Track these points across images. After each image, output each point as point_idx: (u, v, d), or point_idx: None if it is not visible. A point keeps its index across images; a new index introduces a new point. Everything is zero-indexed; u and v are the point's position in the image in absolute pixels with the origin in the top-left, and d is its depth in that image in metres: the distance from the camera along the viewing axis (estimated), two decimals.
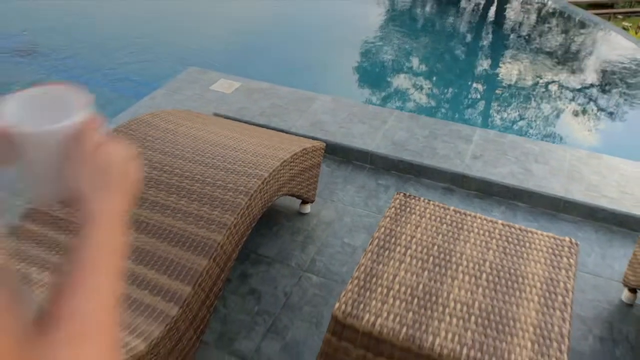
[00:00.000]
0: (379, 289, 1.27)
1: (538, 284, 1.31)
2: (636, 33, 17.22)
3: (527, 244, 1.43)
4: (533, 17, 7.41)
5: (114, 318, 0.44)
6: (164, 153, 1.75)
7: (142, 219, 1.54)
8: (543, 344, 1.16)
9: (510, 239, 1.44)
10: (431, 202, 1.56)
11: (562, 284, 1.31)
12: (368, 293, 1.26)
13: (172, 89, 3.19)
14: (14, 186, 0.98)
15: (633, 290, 1.94)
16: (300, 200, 2.29)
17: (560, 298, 1.27)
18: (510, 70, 5.47)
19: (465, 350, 1.13)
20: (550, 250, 1.42)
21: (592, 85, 5.12)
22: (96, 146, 0.48)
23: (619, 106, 4.69)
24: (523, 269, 1.35)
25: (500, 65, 5.67)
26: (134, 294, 1.49)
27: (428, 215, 1.51)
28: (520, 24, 7.14)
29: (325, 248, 2.15)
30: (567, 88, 5.05)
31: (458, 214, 1.52)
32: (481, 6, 8.04)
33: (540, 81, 5.10)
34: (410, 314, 1.21)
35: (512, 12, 7.64)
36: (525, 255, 1.39)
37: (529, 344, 1.16)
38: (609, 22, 9.34)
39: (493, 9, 7.97)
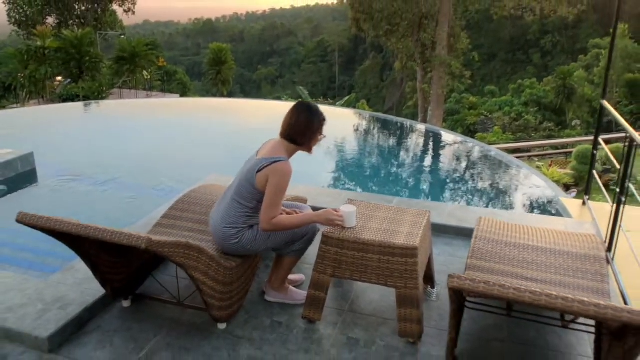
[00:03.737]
0: (339, 227, 2.93)
1: (409, 222, 2.99)
2: (548, 170, 20.21)
3: (407, 213, 3.14)
4: (463, 158, 9.74)
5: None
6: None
7: None
8: (409, 239, 2.82)
9: (399, 211, 3.15)
10: (363, 202, 3.28)
11: (419, 222, 3.00)
12: (334, 229, 2.91)
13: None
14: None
15: None
16: None
17: (418, 224, 2.95)
18: (428, 176, 7.61)
19: (377, 238, 2.78)
20: (418, 214, 3.12)
21: (479, 184, 7.26)
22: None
23: (485, 189, 6.85)
24: (404, 218, 3.04)
25: (423, 175, 7.81)
26: None
27: (362, 206, 3.22)
28: (448, 160, 9.45)
29: (312, 248, 3.75)
30: (462, 181, 7.17)
31: (376, 205, 3.24)
32: (419, 151, 10.42)
33: (445, 177, 7.23)
34: (355, 230, 2.86)
35: (447, 152, 10.00)
36: (406, 215, 3.10)
37: (403, 239, 2.81)
38: (530, 166, 11.75)
39: (429, 154, 10.35)
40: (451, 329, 2.27)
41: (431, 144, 10.36)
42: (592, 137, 3.72)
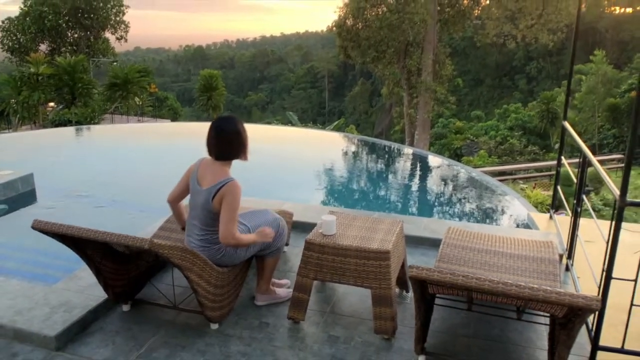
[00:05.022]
0: (320, 235, 3.25)
1: (384, 230, 3.32)
2: (532, 192, 20.68)
3: (382, 222, 3.47)
4: (441, 177, 10.12)
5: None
6: None
7: None
8: (383, 245, 3.14)
9: (375, 221, 3.48)
10: (343, 213, 3.61)
11: (393, 229, 3.33)
12: (316, 236, 3.23)
13: None
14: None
15: None
16: None
17: (392, 231, 3.28)
18: (408, 193, 7.97)
19: (354, 243, 3.10)
20: (392, 222, 3.45)
21: (453, 201, 7.62)
22: None
23: (461, 205, 7.22)
24: (379, 227, 3.37)
25: (403, 192, 8.16)
26: None
27: (342, 216, 3.54)
28: (426, 178, 9.82)
29: (294, 257, 4.05)
30: (441, 198, 7.53)
31: (355, 215, 3.57)
32: (398, 171, 10.79)
33: (424, 195, 7.57)
34: (334, 237, 3.18)
35: (425, 172, 10.37)
36: (381, 224, 3.42)
37: (377, 244, 3.14)
38: (505, 185, 12.14)
39: (409, 174, 10.73)
40: (417, 318, 2.58)
41: (411, 164, 10.82)
42: (575, 160, 4.09)
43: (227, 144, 3.10)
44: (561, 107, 37.35)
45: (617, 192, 2.73)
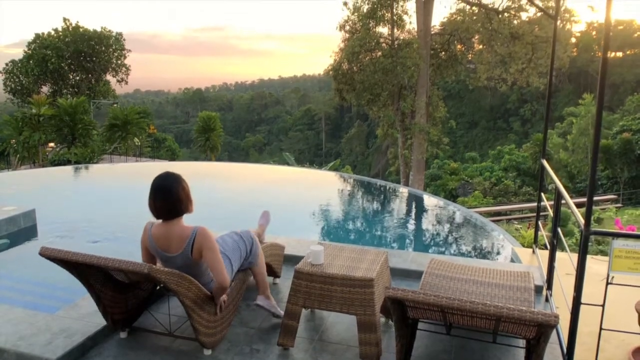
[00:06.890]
0: (309, 264, 3.45)
1: (369, 260, 3.52)
2: (526, 231, 20.83)
3: (368, 253, 3.68)
4: (429, 214, 10.34)
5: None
6: None
7: None
8: (367, 273, 3.34)
9: (361, 252, 3.69)
10: (331, 244, 3.82)
11: (377, 259, 3.53)
12: (305, 265, 3.43)
13: None
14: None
15: None
16: (272, 278, 4.42)
17: (376, 261, 3.48)
18: (401, 231, 8.15)
19: (340, 272, 3.30)
20: (377, 253, 3.66)
21: (438, 235, 7.80)
22: None
23: (452, 243, 7.40)
24: (364, 257, 3.58)
25: (398, 229, 8.35)
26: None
27: (330, 247, 3.75)
28: (429, 223, 10.03)
29: (286, 289, 4.23)
30: (430, 234, 7.72)
31: (342, 246, 3.78)
32: (386, 207, 11.02)
33: (417, 232, 7.76)
34: (322, 266, 3.38)
35: (429, 213, 10.58)
36: (367, 254, 3.63)
37: (362, 273, 3.34)
38: (497, 224, 12.28)
39: (397, 210, 10.95)
40: (397, 340, 2.76)
41: (399, 201, 11.07)
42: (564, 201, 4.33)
43: (177, 203, 3.15)
44: (554, 149, 37.97)
45: (582, 222, 2.96)
